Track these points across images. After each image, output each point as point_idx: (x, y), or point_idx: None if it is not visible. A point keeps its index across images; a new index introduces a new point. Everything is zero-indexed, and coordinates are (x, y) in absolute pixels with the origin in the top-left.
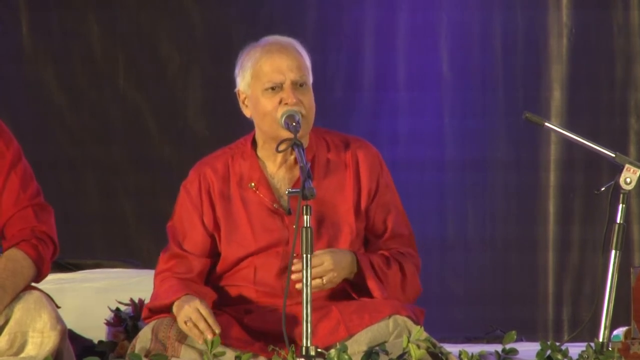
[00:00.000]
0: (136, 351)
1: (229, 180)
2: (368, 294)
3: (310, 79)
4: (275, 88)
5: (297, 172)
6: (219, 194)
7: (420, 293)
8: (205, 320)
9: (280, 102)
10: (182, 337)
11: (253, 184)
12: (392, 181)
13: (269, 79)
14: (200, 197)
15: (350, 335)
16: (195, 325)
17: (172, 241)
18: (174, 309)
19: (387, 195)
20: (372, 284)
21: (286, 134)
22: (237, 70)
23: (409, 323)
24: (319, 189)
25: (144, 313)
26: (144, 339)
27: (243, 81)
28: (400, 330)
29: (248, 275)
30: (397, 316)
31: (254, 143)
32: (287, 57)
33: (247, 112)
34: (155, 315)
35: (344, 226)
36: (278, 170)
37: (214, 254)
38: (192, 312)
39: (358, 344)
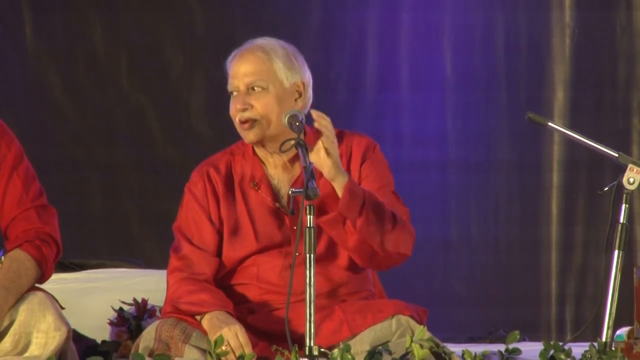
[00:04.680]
0: (140, 351)
1: (232, 180)
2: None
3: (276, 80)
4: (234, 93)
5: (295, 172)
6: (223, 193)
7: (414, 238)
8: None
9: (235, 108)
10: (186, 337)
11: (255, 182)
12: (387, 167)
13: (229, 83)
14: (206, 196)
15: (354, 335)
16: (232, 351)
17: (181, 240)
18: (205, 322)
19: (372, 179)
20: (346, 199)
21: (248, 138)
22: None
23: (412, 322)
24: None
25: (168, 308)
26: (147, 338)
27: None
28: (403, 330)
29: (251, 273)
30: (400, 316)
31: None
32: (243, 62)
33: None
34: (180, 315)
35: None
36: (276, 170)
37: (221, 252)
38: (231, 337)
39: (361, 343)
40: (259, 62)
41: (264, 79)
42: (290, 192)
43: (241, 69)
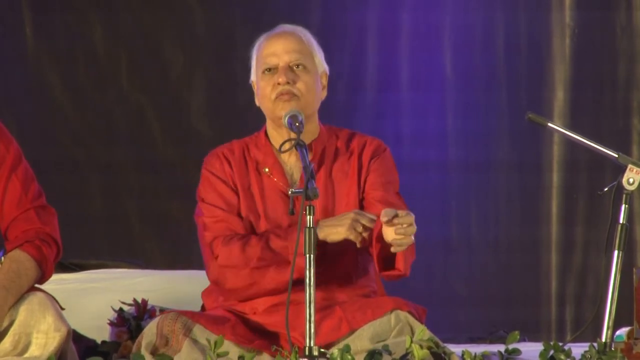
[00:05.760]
0: (142, 347)
1: (246, 164)
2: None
3: (314, 63)
4: (272, 70)
5: None
6: (237, 172)
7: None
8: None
9: (274, 83)
10: (187, 330)
11: (267, 169)
12: (396, 171)
13: (264, 61)
14: (223, 170)
15: (352, 331)
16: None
17: (211, 208)
18: (322, 230)
19: (381, 173)
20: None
21: (285, 109)
22: (250, 62)
23: (411, 319)
24: (328, 175)
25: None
26: (149, 334)
27: (252, 70)
28: (402, 326)
29: None
30: (399, 311)
31: (266, 134)
32: (284, 40)
33: (257, 101)
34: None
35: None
36: (289, 158)
37: None
38: (363, 220)
39: (360, 339)
40: (301, 42)
41: (306, 59)
42: (290, 192)
43: (282, 46)
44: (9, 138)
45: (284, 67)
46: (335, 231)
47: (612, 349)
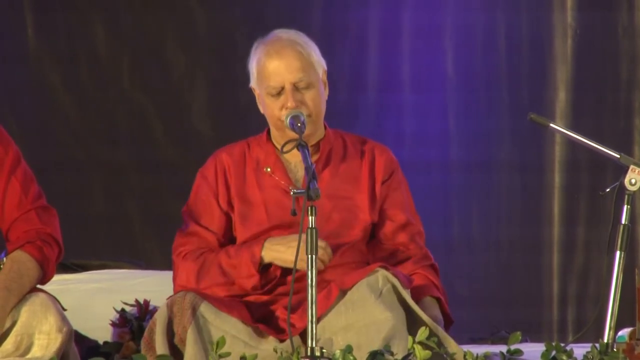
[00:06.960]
0: (157, 328)
1: (245, 164)
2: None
3: (317, 75)
4: (277, 92)
5: (313, 158)
6: (234, 175)
7: None
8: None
9: (282, 106)
10: (197, 304)
11: (269, 169)
12: (407, 183)
13: (268, 83)
14: (215, 179)
15: (344, 293)
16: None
17: (189, 220)
18: (268, 255)
19: (400, 192)
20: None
21: (291, 134)
22: (248, 66)
23: (396, 282)
24: (335, 174)
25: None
26: (162, 316)
27: (252, 78)
28: (389, 288)
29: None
30: (387, 274)
31: (269, 135)
32: (286, 58)
33: (261, 109)
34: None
35: (358, 213)
36: (294, 157)
37: (228, 235)
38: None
39: (357, 291)
40: (302, 58)
41: (309, 74)
42: (292, 192)
43: (285, 66)
44: (8, 140)
45: (290, 89)
46: (282, 258)
47: (614, 349)
